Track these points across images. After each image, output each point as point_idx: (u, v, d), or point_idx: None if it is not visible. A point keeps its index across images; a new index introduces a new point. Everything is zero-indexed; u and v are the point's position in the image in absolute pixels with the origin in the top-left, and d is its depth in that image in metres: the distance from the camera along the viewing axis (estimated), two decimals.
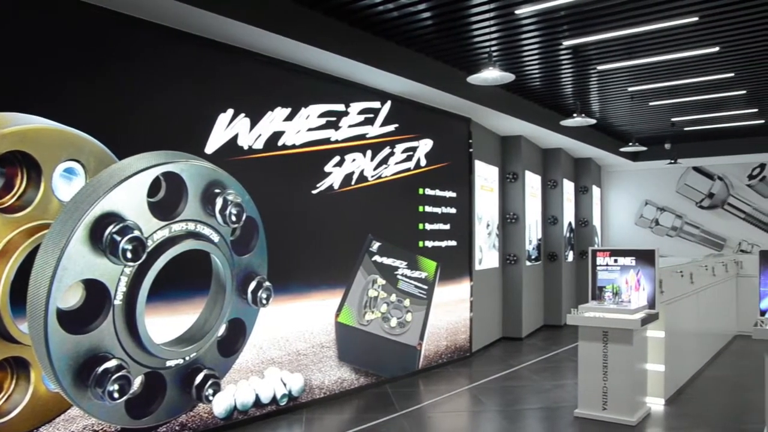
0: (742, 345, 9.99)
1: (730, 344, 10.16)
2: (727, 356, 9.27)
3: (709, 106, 10.40)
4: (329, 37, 5.96)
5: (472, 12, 6.00)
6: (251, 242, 5.75)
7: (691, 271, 7.90)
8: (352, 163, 7.00)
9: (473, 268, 9.27)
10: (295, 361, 6.29)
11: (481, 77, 6.11)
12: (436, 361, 8.27)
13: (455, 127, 8.93)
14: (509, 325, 10.67)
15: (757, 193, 13.97)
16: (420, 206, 8.16)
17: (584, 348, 6.15)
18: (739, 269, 11.16)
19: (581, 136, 11.47)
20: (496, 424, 6.11)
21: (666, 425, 5.97)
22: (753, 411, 6.14)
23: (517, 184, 10.76)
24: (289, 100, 6.23)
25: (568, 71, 8.20)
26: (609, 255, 6.56)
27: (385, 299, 7.42)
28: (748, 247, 13.91)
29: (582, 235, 13.64)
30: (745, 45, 7.11)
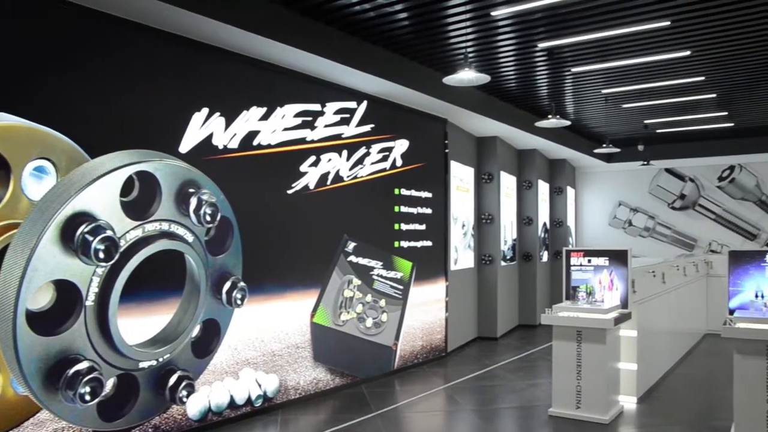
0: (712, 343, 10.15)
1: (700, 343, 10.32)
2: (697, 355, 9.41)
3: (681, 108, 10.55)
4: (305, 37, 5.93)
5: (448, 13, 6.01)
6: (226, 242, 5.70)
7: (663, 271, 8.01)
8: (328, 163, 6.98)
9: (449, 269, 9.29)
10: (270, 361, 6.25)
11: (457, 78, 6.13)
12: (411, 361, 8.28)
13: (431, 127, 8.94)
14: (484, 324, 10.72)
15: (727, 194, 14.21)
16: (396, 206, 8.17)
17: (558, 347, 6.20)
18: (709, 269, 11.34)
19: (556, 138, 11.56)
20: (472, 423, 6.13)
21: (638, 423, 6.04)
22: (722, 408, 6.24)
23: (493, 185, 10.82)
24: (264, 99, 6.19)
25: (543, 73, 8.27)
26: (583, 255, 6.62)
27: (361, 299, 7.40)
28: (718, 247, 14.15)
29: (556, 236, 13.75)
30: (715, 49, 7.22)
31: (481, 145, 10.85)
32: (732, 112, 10.84)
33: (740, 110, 10.75)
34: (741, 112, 10.93)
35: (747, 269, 5.91)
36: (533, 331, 11.52)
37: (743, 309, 5.82)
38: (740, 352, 5.35)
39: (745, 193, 14.01)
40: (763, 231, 13.85)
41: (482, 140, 10.84)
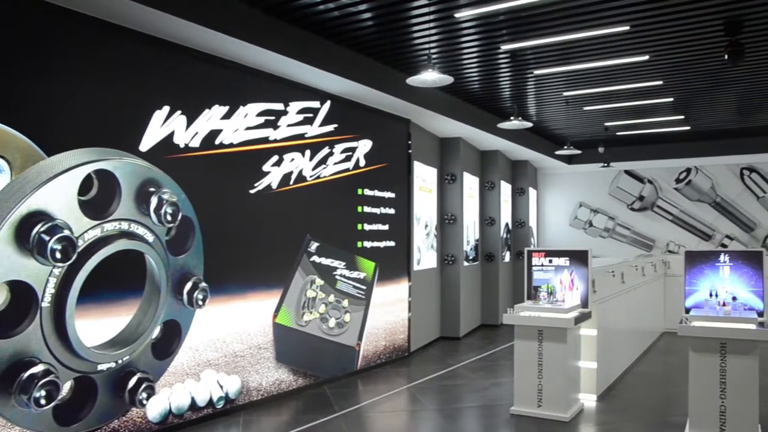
0: (669, 341, 10.38)
1: (658, 341, 10.54)
2: (655, 352, 9.61)
3: (640, 112, 10.76)
4: (269, 36, 5.89)
5: (412, 14, 6.03)
6: (187, 242, 5.63)
7: (622, 271, 8.16)
8: (291, 162, 6.94)
9: (411, 269, 9.32)
10: (232, 362, 6.19)
11: (420, 79, 6.15)
12: (374, 361, 8.28)
13: (394, 128, 8.96)
14: (447, 324, 10.78)
15: (684, 196, 14.55)
16: (359, 207, 8.16)
17: (520, 347, 6.27)
18: (667, 269, 11.59)
19: (518, 139, 11.69)
20: (435, 422, 6.16)
21: (598, 420, 6.15)
22: (678, 404, 6.39)
23: (456, 186, 10.88)
24: (226, 98, 6.13)
25: (506, 75, 8.35)
26: (544, 255, 6.70)
27: (324, 300, 7.38)
28: (675, 247, 14.48)
29: (518, 236, 13.90)
30: (672, 55, 7.39)
31: (444, 146, 10.91)
32: (688, 116, 11.10)
33: (696, 114, 11.01)
34: (697, 116, 11.20)
35: (702, 269, 6.05)
36: (495, 331, 11.63)
37: (698, 308, 5.96)
38: (695, 349, 5.49)
39: (700, 194, 14.37)
40: (718, 232, 14.22)
41: (445, 141, 10.90)
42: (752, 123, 11.82)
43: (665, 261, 11.72)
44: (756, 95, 9.58)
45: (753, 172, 13.89)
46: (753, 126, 12.08)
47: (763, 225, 13.82)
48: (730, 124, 11.98)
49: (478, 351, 9.65)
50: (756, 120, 11.55)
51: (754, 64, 7.75)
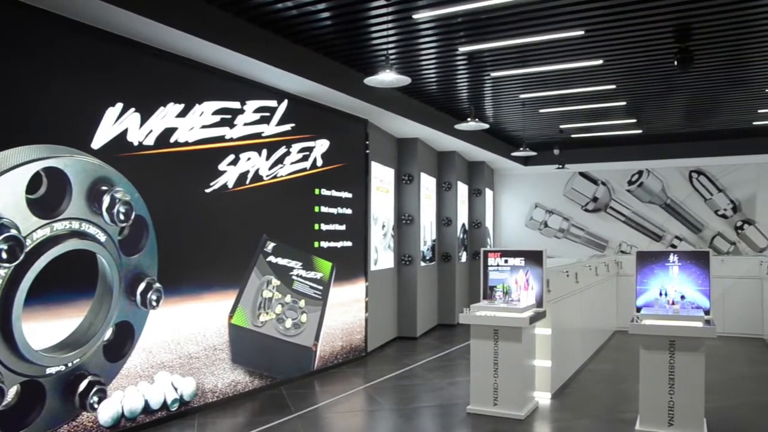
0: (621, 340, 10.61)
1: (610, 339, 10.76)
2: (607, 350, 9.81)
3: (594, 115, 10.97)
4: (225, 33, 5.82)
5: (370, 14, 6.03)
6: (141, 242, 5.53)
7: (576, 271, 8.30)
8: (247, 162, 6.88)
9: (368, 269, 9.33)
10: (186, 364, 6.09)
11: (378, 79, 6.15)
12: (331, 361, 8.26)
13: (352, 128, 8.95)
14: (404, 324, 10.81)
15: (636, 197, 14.89)
16: (316, 206, 8.13)
17: (476, 346, 6.32)
18: (619, 269, 11.85)
19: (475, 140, 11.79)
20: (391, 422, 6.17)
21: (552, 417, 6.24)
22: (629, 400, 6.53)
23: (413, 186, 10.93)
24: (182, 95, 6.03)
25: (464, 76, 8.41)
26: (500, 256, 6.78)
27: (280, 300, 7.33)
28: (628, 248, 14.80)
29: (475, 236, 14.03)
30: (625, 60, 7.55)
31: (402, 147, 10.95)
32: (640, 119, 11.36)
33: (648, 118, 11.28)
34: (649, 120, 11.48)
35: (652, 269, 6.21)
36: (452, 331, 11.71)
37: (649, 306, 6.11)
38: (646, 347, 5.63)
39: (652, 196, 14.73)
40: (668, 233, 14.60)
41: (403, 141, 10.93)
42: (701, 127, 12.17)
43: (618, 261, 11.97)
44: (704, 100, 9.86)
45: (701, 175, 14.30)
46: (702, 130, 12.44)
47: (710, 226, 14.23)
48: (680, 128, 12.32)
49: (435, 351, 9.71)
50: (704, 124, 11.89)
51: (703, 70, 7.98)
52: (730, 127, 12.08)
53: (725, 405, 6.56)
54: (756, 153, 13.07)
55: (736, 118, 11.19)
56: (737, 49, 7.19)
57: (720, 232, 14.16)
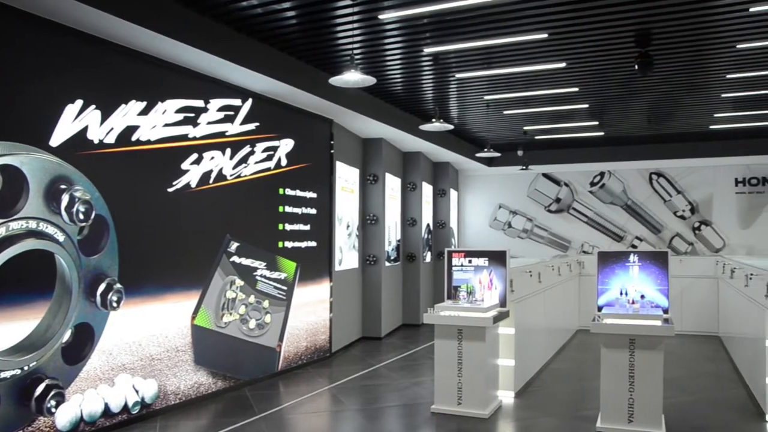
0: (583, 339, 10.77)
1: (573, 338, 10.92)
2: (570, 349, 9.95)
3: (557, 117, 11.11)
4: (189, 31, 5.74)
5: (336, 14, 6.01)
6: (101, 242, 5.43)
7: (539, 271, 8.39)
8: (211, 161, 6.80)
9: (333, 269, 9.30)
10: (148, 366, 6.00)
11: (343, 79, 6.14)
12: (295, 362, 8.22)
13: (317, 127, 8.92)
14: (369, 324, 10.81)
15: (598, 199, 15.13)
16: (280, 206, 8.08)
17: (440, 346, 6.35)
18: (581, 269, 12.02)
19: (440, 141, 11.85)
20: (356, 423, 6.17)
21: (515, 416, 6.30)
22: (591, 398, 6.63)
23: (378, 186, 10.93)
24: (144, 93, 5.94)
25: (429, 77, 8.45)
26: (464, 256, 6.82)
27: (244, 300, 7.27)
28: (590, 248, 15.03)
29: (439, 237, 14.09)
30: (588, 63, 7.67)
31: (367, 147, 10.95)
32: (602, 122, 11.54)
33: (610, 120, 11.47)
34: (610, 123, 11.67)
35: (613, 269, 6.31)
36: (417, 331, 11.75)
37: (610, 306, 6.21)
38: (606, 345, 5.73)
39: (613, 197, 14.98)
40: (629, 233, 14.86)
41: (368, 142, 10.93)
42: (661, 130, 12.42)
43: (580, 261, 12.15)
44: (664, 104, 10.07)
45: (661, 176, 14.61)
46: (661, 133, 12.70)
47: (669, 227, 14.54)
48: (641, 131, 12.56)
49: (400, 350, 9.73)
50: (664, 128, 12.14)
51: (663, 74, 8.15)
52: (689, 131, 12.36)
53: (683, 401, 6.70)
54: (713, 156, 13.40)
55: (694, 121, 11.46)
56: (695, 55, 7.36)
57: (678, 233, 14.47)
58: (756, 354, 6.55)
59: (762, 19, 6.17)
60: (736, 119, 11.22)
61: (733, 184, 14.12)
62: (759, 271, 6.56)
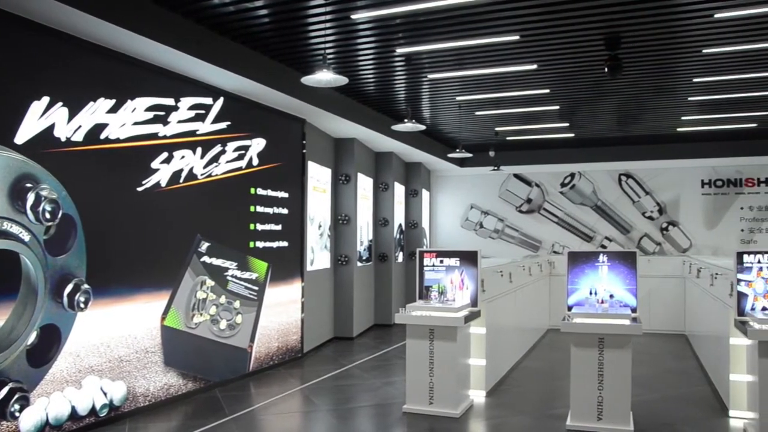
0: (554, 338, 10.87)
1: (543, 337, 11.02)
2: (540, 348, 10.04)
3: (528, 118, 11.20)
4: (160, 28, 5.67)
5: (308, 13, 6.00)
6: (68, 242, 5.33)
7: (510, 270, 8.45)
8: (181, 160, 6.73)
9: (305, 269, 9.27)
10: (117, 368, 5.92)
11: (315, 79, 6.11)
12: (267, 362, 8.17)
13: (289, 127, 8.88)
14: (340, 325, 10.79)
15: (568, 199, 15.29)
16: (251, 206, 8.02)
17: (412, 345, 6.37)
18: (552, 269, 12.13)
19: (412, 141, 11.87)
20: (328, 423, 6.15)
21: (487, 415, 6.34)
22: (561, 396, 6.70)
23: (350, 186, 10.92)
24: (113, 90, 5.85)
25: (401, 78, 8.46)
26: (435, 256, 6.83)
27: (215, 301, 7.20)
28: (560, 248, 15.18)
29: (411, 237, 14.12)
30: (558, 65, 7.75)
31: (339, 147, 10.93)
32: (573, 123, 11.67)
33: (580, 122, 11.60)
34: (581, 124, 11.80)
35: (583, 269, 6.38)
36: (389, 331, 11.76)
37: (580, 305, 6.28)
38: (576, 344, 5.79)
39: (583, 198, 15.16)
40: (598, 233, 15.05)
41: (340, 141, 10.91)
42: (630, 132, 12.61)
43: (550, 261, 12.26)
44: (633, 107, 10.22)
45: (629, 178, 14.82)
46: (630, 135, 12.89)
47: (637, 227, 14.76)
48: (610, 133, 12.72)
49: (372, 351, 9.73)
50: (633, 130, 12.32)
51: (631, 77, 8.27)
52: (657, 133, 12.56)
53: (650, 398, 6.81)
54: (680, 158, 13.65)
55: (662, 124, 11.65)
56: (663, 59, 7.48)
57: (647, 233, 14.70)
58: (720, 351, 6.68)
59: (726, 25, 6.31)
60: (702, 122, 11.44)
61: (700, 186, 14.40)
62: (724, 270, 6.69)
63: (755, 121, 11.31)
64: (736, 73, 8.09)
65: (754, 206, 14.06)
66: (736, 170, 14.15)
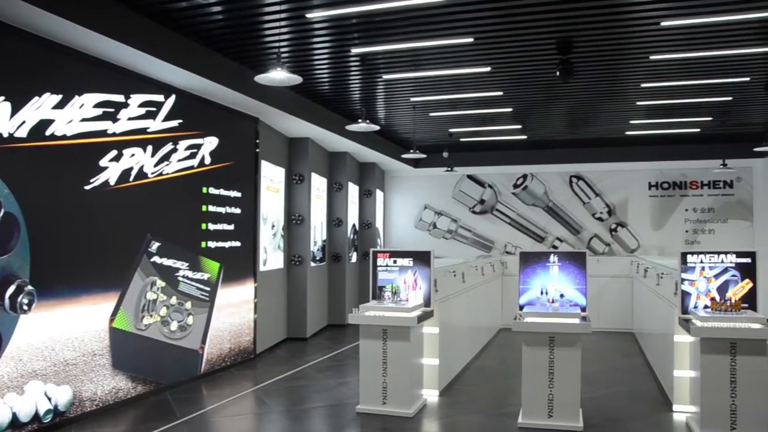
0: (506, 337, 11.01)
1: (496, 337, 11.14)
2: (493, 348, 10.15)
3: (482, 120, 11.32)
4: (110, 22, 5.53)
5: (263, 11, 5.94)
6: (10, 241, 5.16)
7: (463, 271, 8.52)
8: (131, 158, 6.58)
9: (257, 269, 9.18)
10: (62, 372, 5.75)
11: (269, 77, 6.04)
12: (219, 364, 8.06)
13: (242, 125, 8.78)
14: (294, 325, 10.72)
15: (521, 200, 15.51)
16: (203, 205, 7.90)
17: (365, 346, 6.37)
18: (504, 269, 12.28)
19: (366, 142, 11.88)
20: (281, 424, 6.10)
21: (440, 414, 6.38)
22: (513, 395, 6.78)
23: (303, 186, 10.86)
24: (60, 85, 5.69)
25: (356, 78, 8.45)
26: (388, 256, 6.85)
27: (165, 302, 7.07)
28: (512, 248, 15.38)
29: (365, 237, 14.12)
30: (512, 68, 7.85)
31: (293, 146, 10.86)
32: (525, 125, 11.83)
33: (532, 125, 11.77)
34: (533, 127, 11.98)
35: (534, 269, 6.48)
36: (343, 331, 11.73)
37: (531, 305, 6.37)
38: (527, 343, 5.87)
39: (535, 199, 15.39)
40: (550, 234, 15.30)
41: (294, 141, 10.84)
42: (581, 135, 12.86)
43: (503, 261, 12.41)
44: (584, 110, 10.42)
45: (580, 180, 15.11)
46: (581, 138, 13.14)
47: (587, 228, 15.06)
48: (562, 135, 12.96)
49: (325, 351, 9.69)
50: (584, 132, 12.57)
51: (583, 81, 8.43)
52: (607, 136, 12.84)
53: (599, 395, 6.95)
54: (629, 160, 13.99)
55: (612, 127, 11.92)
56: (613, 64, 7.66)
57: (596, 234, 15.01)
58: (665, 348, 6.86)
59: (673, 33, 6.49)
60: (649, 126, 11.76)
61: (647, 188, 14.79)
62: (669, 270, 6.87)
63: (699, 127, 11.67)
64: (681, 80, 8.33)
65: (698, 208, 14.51)
66: (682, 173, 14.58)
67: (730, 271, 5.96)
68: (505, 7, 5.80)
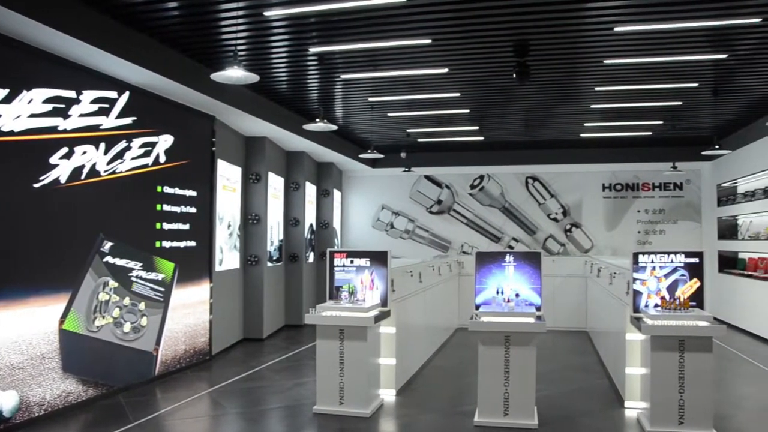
0: (463, 336, 11.10)
1: (452, 336, 11.22)
2: (450, 347, 10.22)
3: (440, 120, 11.39)
4: (60, 15, 5.38)
5: (220, 8, 5.87)
6: None
7: (420, 270, 8.56)
8: (83, 155, 6.43)
9: (213, 269, 9.07)
10: (8, 376, 5.58)
11: (225, 75, 5.97)
12: (174, 366, 7.93)
13: (198, 124, 8.66)
14: (250, 326, 10.62)
15: (477, 201, 15.65)
16: (158, 204, 7.76)
17: (322, 346, 6.34)
18: (461, 269, 12.38)
19: (324, 141, 11.83)
20: (237, 426, 6.04)
21: (397, 414, 6.40)
22: (469, 394, 6.83)
23: (260, 185, 10.77)
24: (6, 79, 5.51)
25: (314, 77, 8.41)
26: (345, 256, 6.84)
27: (118, 303, 6.93)
28: (469, 248, 15.51)
29: (322, 237, 14.07)
30: (469, 69, 7.92)
31: (250, 145, 10.75)
32: (482, 127, 11.95)
33: (489, 126, 11.89)
34: (490, 128, 12.11)
35: (490, 269, 6.54)
36: (300, 331, 11.66)
37: (487, 304, 6.44)
38: (483, 343, 5.93)
39: (492, 200, 15.56)
40: (506, 234, 15.48)
41: (251, 140, 10.74)
42: (537, 137, 13.05)
43: (459, 261, 12.51)
44: (540, 112, 10.57)
45: (536, 181, 15.33)
46: (537, 140, 13.35)
47: (543, 229, 15.29)
48: (518, 137, 13.12)
49: (282, 352, 9.62)
50: (540, 134, 12.76)
51: (539, 84, 8.55)
52: (562, 138, 13.05)
53: (553, 393, 7.06)
54: (583, 162, 14.24)
55: (567, 130, 12.13)
56: (568, 67, 7.79)
57: (552, 234, 15.25)
58: (617, 346, 7.01)
59: (625, 38, 6.64)
60: (603, 129, 11.99)
61: (601, 189, 15.09)
62: (621, 270, 7.02)
63: (651, 130, 11.96)
64: (633, 84, 8.52)
65: (649, 209, 14.87)
66: (634, 175, 14.92)
67: (679, 270, 6.12)
68: (463, 9, 5.85)
